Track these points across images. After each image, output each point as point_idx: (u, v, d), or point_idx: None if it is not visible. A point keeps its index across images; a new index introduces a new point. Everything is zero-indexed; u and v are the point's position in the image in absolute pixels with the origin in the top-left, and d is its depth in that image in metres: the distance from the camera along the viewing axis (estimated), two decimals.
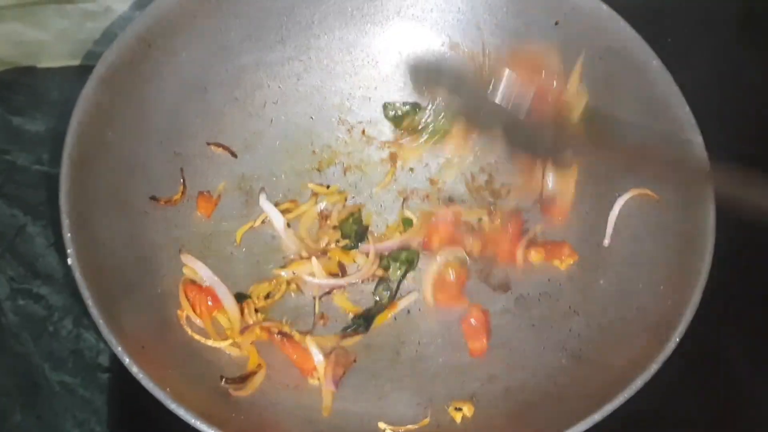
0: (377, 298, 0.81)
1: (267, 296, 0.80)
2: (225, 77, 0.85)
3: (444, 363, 0.78)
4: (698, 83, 0.78)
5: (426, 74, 0.89)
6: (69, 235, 0.66)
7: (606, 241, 0.80)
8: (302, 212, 0.85)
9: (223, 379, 0.70)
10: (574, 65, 0.82)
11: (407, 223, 0.85)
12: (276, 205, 0.84)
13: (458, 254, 0.82)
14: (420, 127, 0.89)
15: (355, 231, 0.84)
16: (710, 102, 0.78)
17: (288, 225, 0.83)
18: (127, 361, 0.62)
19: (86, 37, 0.97)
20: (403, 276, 0.82)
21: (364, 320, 0.80)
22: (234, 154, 0.84)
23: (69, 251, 0.66)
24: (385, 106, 0.90)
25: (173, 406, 0.61)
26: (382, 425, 0.71)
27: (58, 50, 0.99)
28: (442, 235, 0.83)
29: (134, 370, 0.62)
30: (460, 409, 0.73)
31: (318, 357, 0.74)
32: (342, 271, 0.82)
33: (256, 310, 0.78)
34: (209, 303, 0.76)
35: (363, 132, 0.90)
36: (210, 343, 0.75)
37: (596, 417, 0.62)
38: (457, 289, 0.81)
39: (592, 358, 0.73)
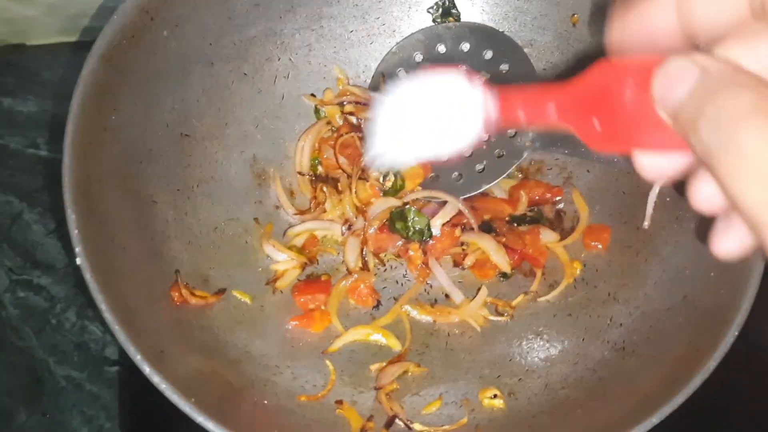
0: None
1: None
2: (232, 51, 0.79)
3: (476, 355, 0.74)
4: None
5: None
6: (76, 231, 0.61)
7: (646, 223, 0.76)
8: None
9: None
10: None
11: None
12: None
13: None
14: None
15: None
16: None
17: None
18: (147, 370, 0.57)
19: (78, 11, 0.92)
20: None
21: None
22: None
23: (77, 250, 0.60)
24: None
25: (201, 419, 0.57)
26: (418, 426, 0.67)
27: (49, 26, 0.95)
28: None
29: (156, 380, 0.57)
30: (495, 396, 0.70)
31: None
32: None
33: None
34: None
35: None
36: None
37: (654, 420, 0.58)
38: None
39: (639, 351, 0.69)
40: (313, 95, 0.83)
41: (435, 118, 0.47)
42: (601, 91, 0.41)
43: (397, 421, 0.67)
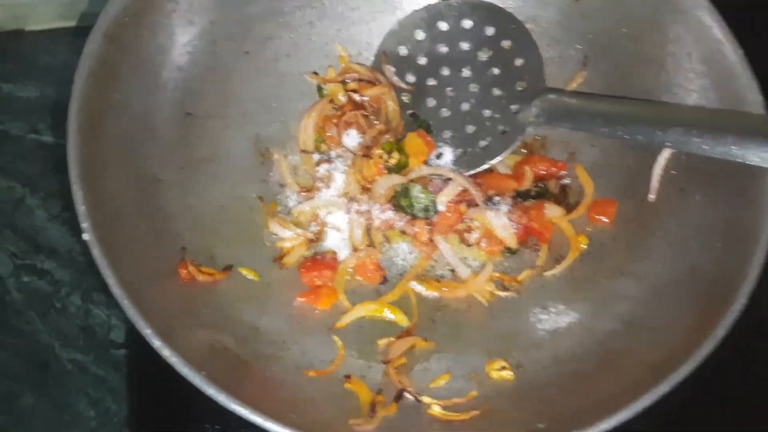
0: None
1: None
2: (234, 29, 0.79)
3: (484, 330, 0.74)
4: None
5: None
6: (83, 207, 0.61)
7: (651, 196, 0.76)
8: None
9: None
10: None
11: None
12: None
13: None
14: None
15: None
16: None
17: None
18: (157, 344, 0.57)
19: None
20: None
21: None
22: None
23: (84, 226, 0.60)
24: None
25: (211, 392, 0.56)
26: (427, 399, 0.67)
27: (47, 11, 0.95)
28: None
29: (166, 353, 0.57)
30: (503, 368, 0.70)
31: None
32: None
33: None
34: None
35: None
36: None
37: (663, 388, 0.58)
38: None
39: (646, 323, 0.69)
40: (315, 73, 0.83)
41: None
42: None
43: (406, 394, 0.67)
